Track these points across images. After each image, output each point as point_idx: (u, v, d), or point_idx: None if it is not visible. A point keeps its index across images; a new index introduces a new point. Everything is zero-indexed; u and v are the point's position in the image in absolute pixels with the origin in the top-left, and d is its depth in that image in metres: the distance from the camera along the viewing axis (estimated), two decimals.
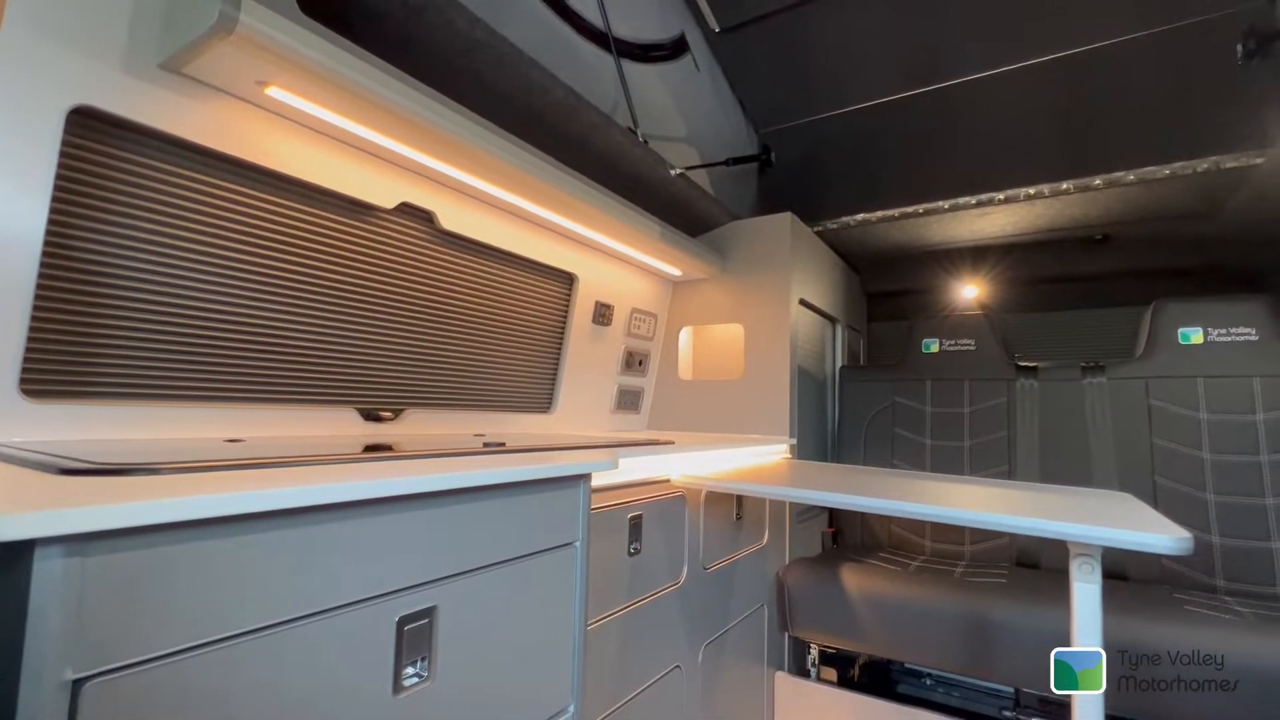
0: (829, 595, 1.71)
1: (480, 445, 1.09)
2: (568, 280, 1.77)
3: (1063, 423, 1.99)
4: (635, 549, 1.18)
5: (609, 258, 1.84)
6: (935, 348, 2.25)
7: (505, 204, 1.40)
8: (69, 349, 0.87)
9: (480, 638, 0.77)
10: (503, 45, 1.12)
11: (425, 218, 1.33)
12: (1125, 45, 1.60)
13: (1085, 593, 0.98)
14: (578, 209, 1.45)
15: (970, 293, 2.73)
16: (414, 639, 0.68)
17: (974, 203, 2.00)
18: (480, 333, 1.54)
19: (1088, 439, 1.94)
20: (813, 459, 2.23)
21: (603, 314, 1.89)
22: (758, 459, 1.78)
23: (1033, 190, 1.91)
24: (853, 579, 1.70)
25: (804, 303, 2.12)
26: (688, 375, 2.25)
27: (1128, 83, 1.67)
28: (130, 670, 0.46)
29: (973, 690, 1.78)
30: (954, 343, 2.23)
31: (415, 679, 0.68)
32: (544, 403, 1.80)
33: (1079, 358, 2.19)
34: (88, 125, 0.84)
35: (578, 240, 1.68)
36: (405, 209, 1.28)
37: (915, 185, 2.08)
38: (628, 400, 2.11)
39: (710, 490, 1.43)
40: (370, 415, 1.30)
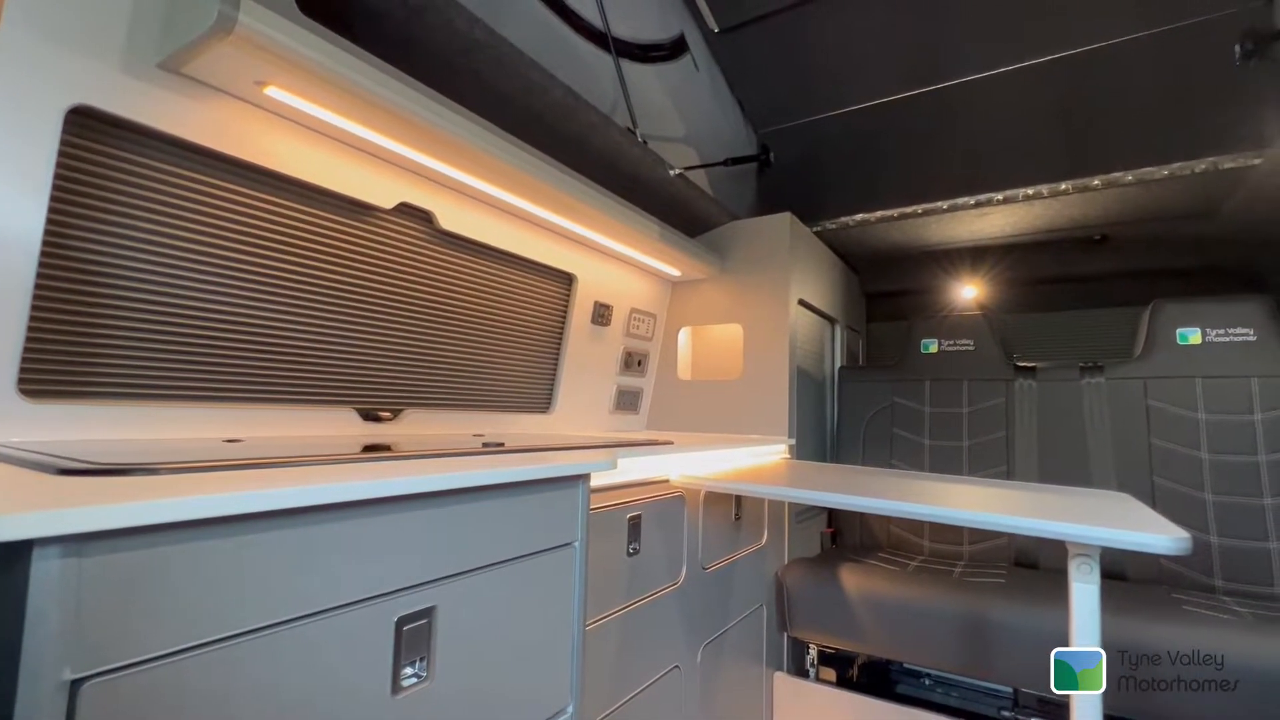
0: (828, 595, 1.71)
1: (479, 445, 1.09)
2: (567, 280, 1.77)
3: (1061, 423, 2.00)
4: (634, 549, 1.18)
5: (608, 258, 1.84)
6: (934, 348, 2.25)
7: (504, 204, 1.40)
8: (67, 349, 0.87)
9: (479, 638, 0.77)
10: (502, 45, 1.12)
11: (424, 218, 1.33)
12: (1124, 46, 1.60)
13: (1084, 593, 0.98)
14: (577, 209, 1.45)
15: (969, 293, 2.73)
16: (413, 639, 0.68)
17: (973, 203, 2.01)
18: (479, 333, 1.54)
19: (1086, 439, 1.94)
20: (811, 459, 2.23)
21: (602, 314, 1.89)
22: (756, 459, 1.78)
23: (1031, 191, 1.91)
24: (851, 579, 1.70)
25: (803, 303, 2.13)
26: (687, 375, 2.25)
27: (1126, 83, 1.68)
28: (129, 670, 0.46)
29: (971, 690, 1.79)
30: (953, 343, 2.23)
31: (414, 679, 0.68)
32: (543, 403, 1.80)
33: (1077, 358, 2.19)
34: (86, 125, 0.84)
35: (577, 240, 1.68)
36: (404, 209, 1.28)
37: (914, 185, 2.08)
38: (627, 400, 2.11)
39: (709, 490, 1.43)
40: (369, 415, 1.30)
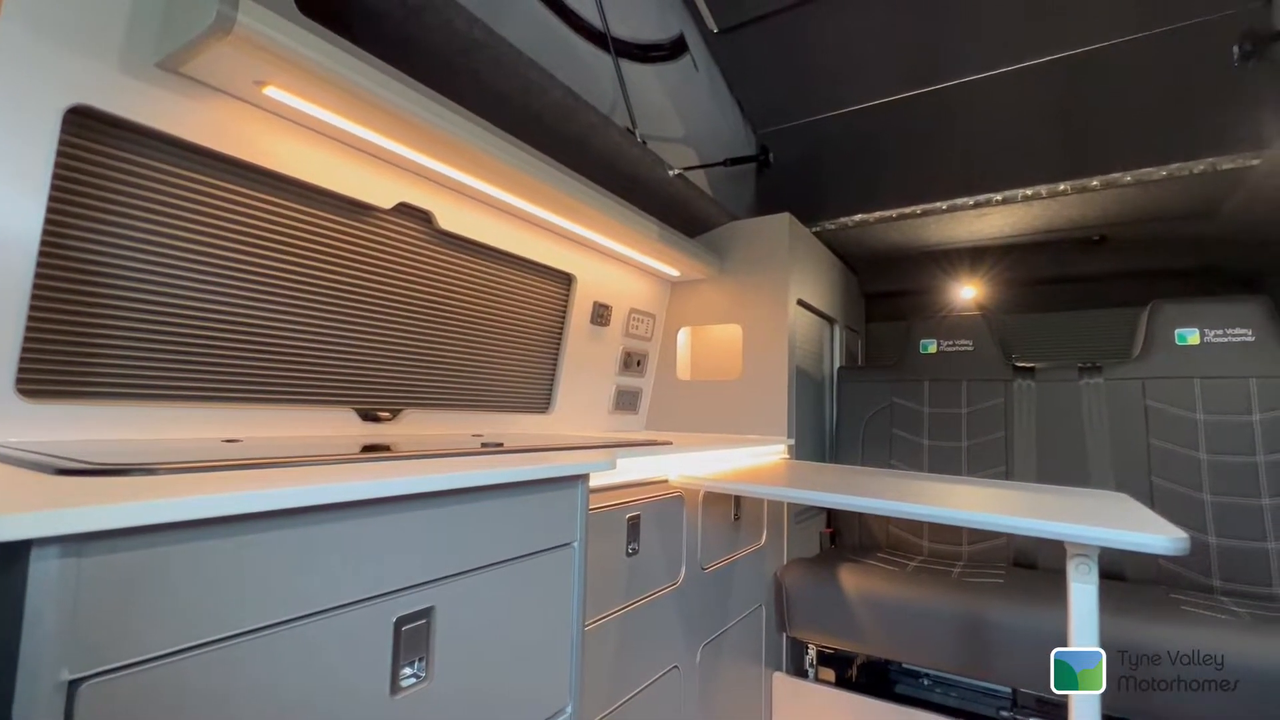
0: (827, 596, 1.71)
1: (478, 445, 1.09)
2: (566, 280, 1.77)
3: (1060, 423, 2.00)
4: (633, 549, 1.18)
5: (607, 258, 1.84)
6: (933, 348, 2.25)
7: (503, 204, 1.40)
8: (66, 349, 0.87)
9: (478, 638, 0.77)
10: (501, 45, 1.12)
11: (423, 218, 1.33)
12: (1123, 47, 1.60)
13: (1082, 593, 0.98)
14: (576, 209, 1.45)
15: (968, 293, 2.73)
16: (411, 639, 0.68)
17: (972, 203, 2.01)
18: (478, 333, 1.54)
19: (1084, 440, 1.95)
20: (811, 459, 2.23)
21: (601, 314, 1.89)
22: (756, 459, 1.78)
23: (1030, 191, 1.91)
24: (850, 579, 1.70)
25: (802, 303, 2.13)
26: (686, 376, 2.25)
27: (1125, 84, 1.68)
28: (127, 671, 0.46)
29: (970, 690, 1.79)
30: (952, 343, 2.23)
31: (413, 680, 0.68)
32: (542, 403, 1.80)
33: (1076, 358, 2.19)
34: (85, 125, 0.84)
35: (576, 240, 1.68)
36: (403, 209, 1.28)
37: (913, 186, 2.08)
38: (626, 400, 2.11)
39: (708, 490, 1.43)
40: (368, 415, 1.30)
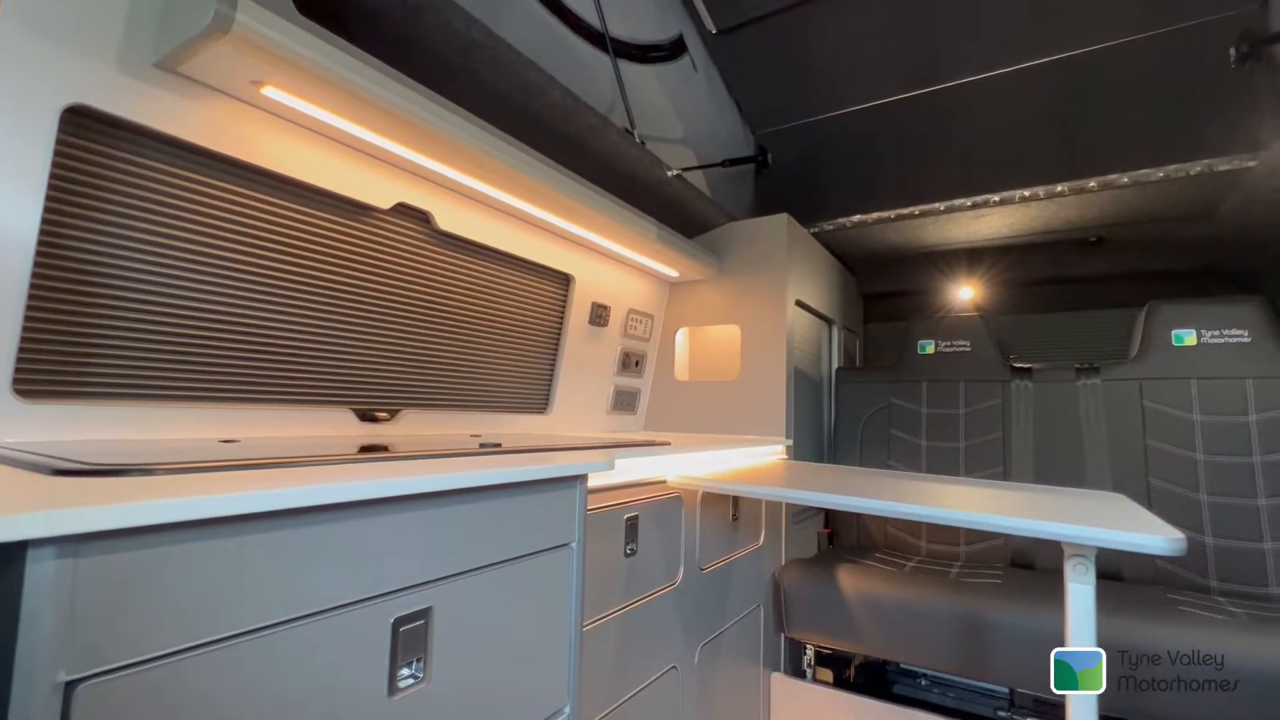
0: (825, 596, 1.71)
1: (476, 446, 1.09)
2: (564, 281, 1.77)
3: (1057, 424, 2.00)
4: (631, 550, 1.18)
5: (606, 259, 1.84)
6: (931, 349, 2.26)
7: (502, 205, 1.40)
8: (63, 349, 0.87)
9: (476, 639, 0.77)
10: (500, 46, 1.12)
11: (422, 218, 1.33)
12: (1120, 49, 1.61)
13: (1079, 593, 0.99)
14: (575, 210, 1.45)
15: (966, 294, 2.73)
16: (409, 640, 0.68)
17: (969, 204, 2.01)
18: (477, 333, 1.54)
19: (1082, 440, 1.95)
20: (809, 460, 2.23)
21: (599, 315, 1.89)
22: (754, 460, 1.78)
23: (1028, 192, 1.91)
24: (849, 580, 1.71)
25: (800, 304, 2.13)
26: (684, 376, 2.25)
27: (1122, 85, 1.68)
28: (124, 672, 0.46)
29: (968, 690, 1.79)
30: (949, 344, 2.23)
31: (410, 680, 0.68)
32: (540, 403, 1.80)
33: (1073, 359, 2.20)
34: (82, 124, 0.84)
35: (574, 241, 1.68)
36: (402, 209, 1.28)
37: (911, 187, 2.08)
38: (624, 401, 2.11)
39: (706, 491, 1.43)
40: (366, 416, 1.30)
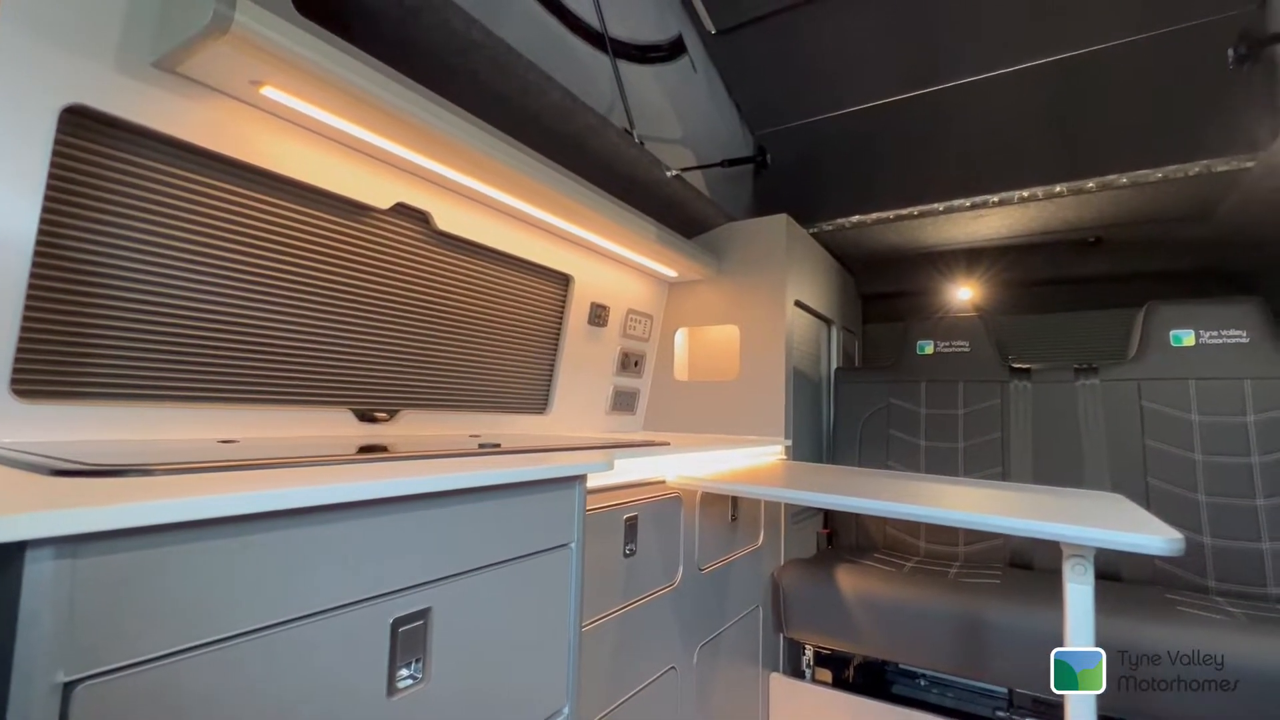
0: (824, 596, 1.71)
1: (475, 446, 1.09)
2: (563, 281, 1.77)
3: (1056, 424, 2.00)
4: (630, 550, 1.18)
5: (605, 259, 1.84)
6: (930, 349, 2.26)
7: (501, 205, 1.40)
8: (61, 349, 0.87)
9: (475, 639, 0.77)
10: (499, 46, 1.12)
11: (421, 218, 1.33)
12: (1118, 49, 1.61)
13: (1078, 593, 0.99)
14: (574, 210, 1.45)
15: (964, 295, 2.74)
16: (408, 641, 0.68)
17: (968, 205, 2.01)
18: (476, 333, 1.54)
19: (1080, 440, 1.95)
20: (808, 460, 2.23)
21: (598, 315, 1.89)
22: (753, 460, 1.78)
23: (1026, 193, 1.92)
24: (848, 580, 1.71)
25: (799, 304, 2.13)
26: (683, 376, 2.25)
27: (1121, 86, 1.69)
28: (122, 673, 0.46)
29: (966, 691, 1.79)
30: (948, 344, 2.23)
31: (409, 681, 0.68)
32: (539, 404, 1.80)
33: (1072, 360, 2.20)
34: (81, 124, 0.84)
35: (574, 241, 1.68)
36: (400, 209, 1.28)
37: (910, 187, 2.09)
38: (623, 401, 2.11)
39: (705, 491, 1.43)
40: (365, 416, 1.30)
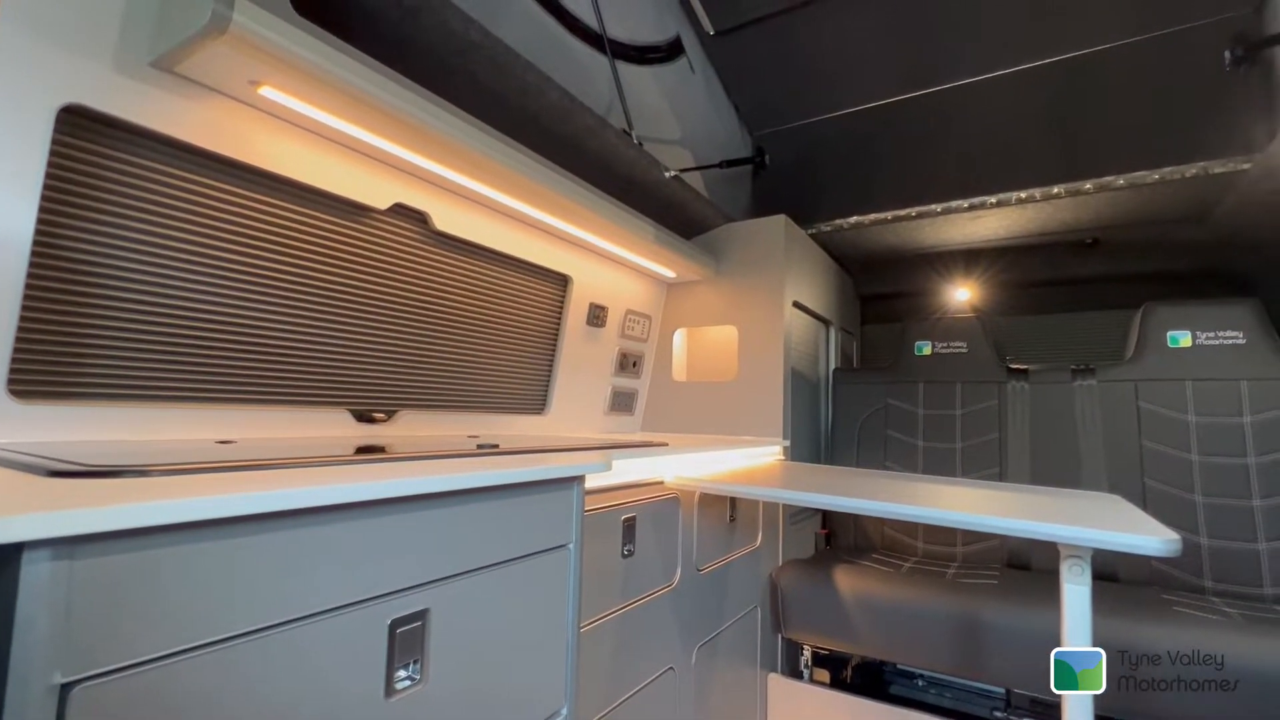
0: (822, 597, 1.71)
1: (474, 447, 1.09)
2: (562, 282, 1.77)
3: (1053, 425, 2.01)
4: (629, 551, 1.18)
5: (603, 259, 1.84)
6: (927, 350, 2.26)
7: (500, 205, 1.40)
8: (58, 349, 0.87)
9: (473, 640, 0.77)
10: (497, 47, 1.12)
11: (419, 219, 1.33)
12: (1116, 51, 1.62)
13: (1075, 594, 0.99)
14: (572, 211, 1.45)
15: (962, 296, 2.74)
16: (406, 642, 0.68)
17: (966, 206, 2.02)
18: (474, 334, 1.54)
19: (1078, 441, 1.96)
20: (806, 461, 2.23)
21: (597, 315, 1.89)
22: (751, 461, 1.78)
23: (1024, 194, 1.92)
24: (845, 580, 1.71)
25: (798, 305, 2.13)
26: (681, 377, 2.25)
27: (1119, 88, 1.69)
28: (119, 674, 0.46)
29: (964, 691, 1.79)
30: (946, 345, 2.24)
31: (407, 682, 0.68)
32: (538, 404, 1.80)
33: (1069, 360, 2.21)
34: (78, 124, 0.84)
35: (572, 242, 1.68)
36: (399, 210, 1.28)
37: (908, 188, 2.09)
38: (621, 402, 2.11)
39: (704, 492, 1.44)
40: (363, 417, 1.30)
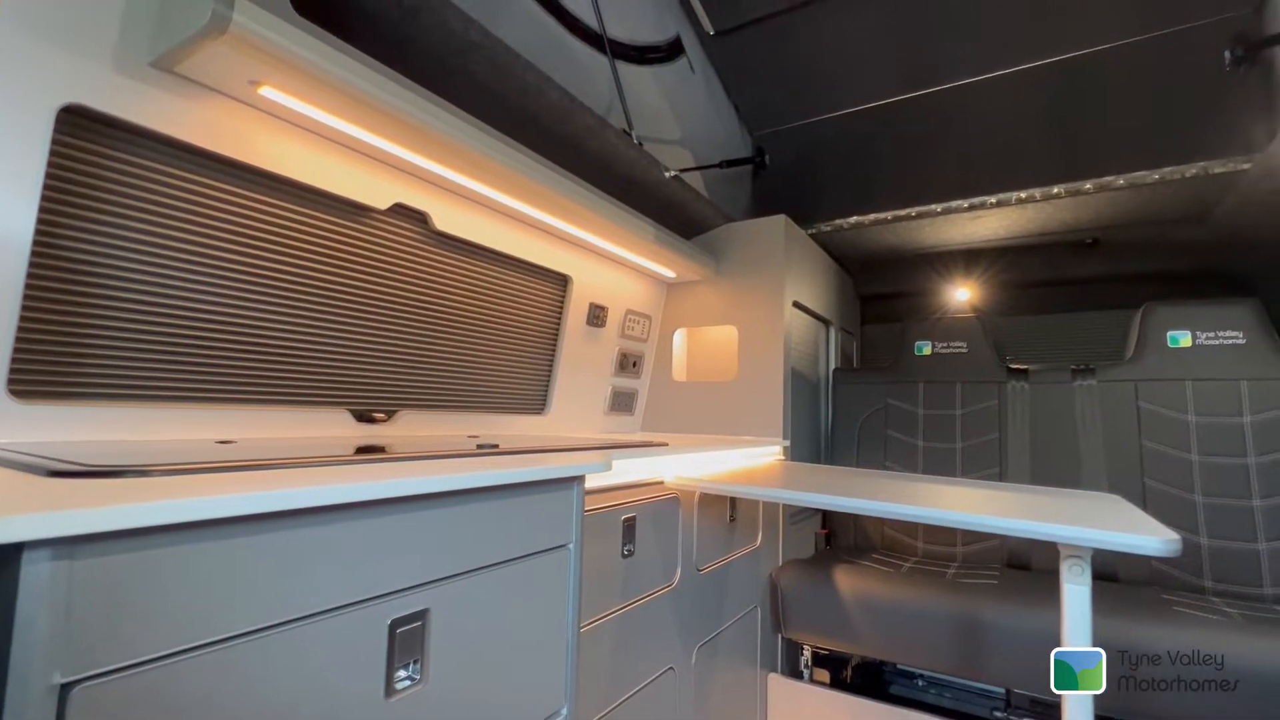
0: (822, 597, 1.71)
1: (474, 447, 1.09)
2: (562, 282, 1.77)
3: (1053, 425, 2.01)
4: (629, 551, 1.18)
5: (603, 259, 1.84)
6: (927, 350, 2.26)
7: (500, 205, 1.40)
8: (58, 349, 0.87)
9: (473, 640, 0.77)
10: (497, 46, 1.12)
11: (419, 219, 1.33)
12: (1116, 51, 1.62)
13: (1075, 594, 0.99)
14: (572, 211, 1.45)
15: (962, 296, 2.74)
16: (406, 642, 0.68)
17: (966, 206, 2.02)
18: (474, 334, 1.54)
19: (1078, 441, 1.96)
20: (806, 461, 2.23)
21: (597, 315, 1.89)
22: (751, 461, 1.78)
23: (1024, 194, 1.92)
24: (845, 580, 1.71)
25: (798, 305, 2.13)
26: (681, 377, 2.25)
27: (1118, 88, 1.69)
28: (119, 674, 0.46)
29: (964, 691, 1.79)
30: (946, 345, 2.24)
31: (407, 682, 0.68)
32: (538, 404, 1.80)
33: (1069, 360, 2.21)
34: (78, 124, 0.84)
35: (572, 242, 1.68)
36: (399, 210, 1.28)
37: (908, 188, 2.09)
38: (621, 402, 2.11)
39: (704, 492, 1.43)
40: (363, 417, 1.30)
